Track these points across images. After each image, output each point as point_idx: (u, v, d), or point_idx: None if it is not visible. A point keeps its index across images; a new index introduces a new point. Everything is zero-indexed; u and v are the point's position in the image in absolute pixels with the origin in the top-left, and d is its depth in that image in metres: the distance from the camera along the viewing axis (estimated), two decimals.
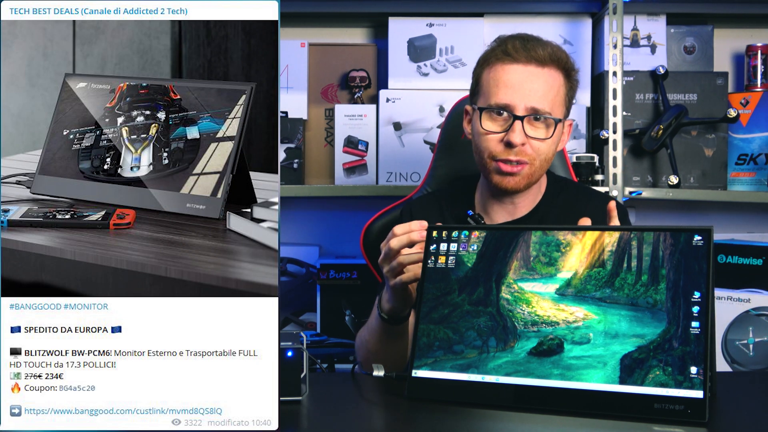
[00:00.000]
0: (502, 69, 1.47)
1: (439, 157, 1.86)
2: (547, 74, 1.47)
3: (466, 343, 1.19)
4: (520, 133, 1.44)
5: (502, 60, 1.47)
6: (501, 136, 1.46)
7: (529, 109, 1.45)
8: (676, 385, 1.05)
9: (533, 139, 1.46)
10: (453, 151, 1.83)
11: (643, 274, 1.13)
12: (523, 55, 1.46)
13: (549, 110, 1.46)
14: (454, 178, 1.79)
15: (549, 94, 1.46)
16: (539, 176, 1.52)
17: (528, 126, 1.45)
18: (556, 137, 1.49)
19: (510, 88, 1.45)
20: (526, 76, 1.46)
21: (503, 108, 1.46)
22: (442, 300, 1.23)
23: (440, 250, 1.27)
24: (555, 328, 1.15)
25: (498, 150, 1.47)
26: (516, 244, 1.23)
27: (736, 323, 2.02)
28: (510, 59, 1.47)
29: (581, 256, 1.19)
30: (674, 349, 1.07)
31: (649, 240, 1.14)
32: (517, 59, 1.46)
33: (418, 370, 1.19)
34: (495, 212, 1.57)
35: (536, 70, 1.47)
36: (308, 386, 1.16)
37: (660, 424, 1.03)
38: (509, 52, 1.47)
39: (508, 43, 1.48)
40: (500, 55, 1.48)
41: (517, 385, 1.13)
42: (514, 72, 1.47)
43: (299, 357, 1.15)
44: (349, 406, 1.19)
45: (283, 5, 2.56)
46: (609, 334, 1.12)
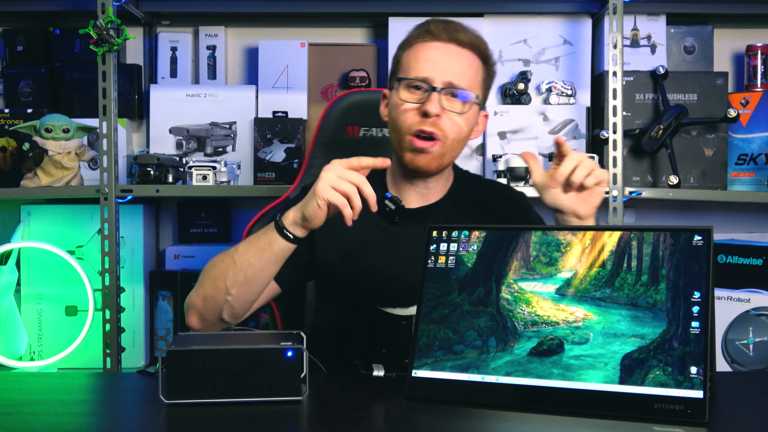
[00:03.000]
0: (423, 46, 1.51)
1: (315, 156, 1.83)
2: (466, 55, 1.51)
3: (466, 343, 1.19)
4: (437, 103, 1.46)
5: (423, 38, 1.51)
6: (418, 106, 1.48)
7: (446, 83, 1.47)
8: (676, 385, 1.05)
9: (449, 112, 1.48)
10: (332, 150, 1.82)
11: (643, 274, 1.13)
12: (444, 35, 1.50)
13: (467, 87, 1.49)
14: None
15: (467, 73, 1.49)
16: (450, 159, 1.54)
17: (445, 100, 1.48)
18: (470, 117, 1.51)
19: (430, 62, 1.48)
20: (445, 52, 1.50)
21: (422, 80, 1.48)
22: (442, 300, 1.23)
23: (440, 250, 1.27)
24: (555, 328, 1.15)
25: (414, 121, 1.48)
26: (516, 244, 1.23)
27: (736, 323, 2.02)
28: (431, 37, 1.51)
29: (581, 256, 1.19)
30: (674, 349, 1.07)
31: (649, 240, 1.14)
32: (439, 38, 1.50)
33: (418, 370, 1.19)
34: (408, 195, 1.58)
35: (456, 49, 1.50)
36: (308, 386, 1.16)
37: (660, 424, 1.03)
38: (431, 31, 1.51)
39: (431, 24, 1.52)
40: (422, 34, 1.52)
41: (517, 385, 1.13)
42: (435, 49, 1.50)
43: (299, 357, 1.15)
44: (349, 406, 1.19)
45: (283, 5, 2.58)
46: (609, 334, 1.12)
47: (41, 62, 2.57)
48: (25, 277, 2.44)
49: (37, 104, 2.51)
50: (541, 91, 2.49)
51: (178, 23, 2.65)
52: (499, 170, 2.31)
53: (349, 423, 1.10)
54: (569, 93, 2.46)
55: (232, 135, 2.51)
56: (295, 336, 1.22)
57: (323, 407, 1.16)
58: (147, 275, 2.50)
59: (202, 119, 2.50)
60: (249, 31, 2.67)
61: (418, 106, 1.47)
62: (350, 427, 1.08)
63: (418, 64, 1.49)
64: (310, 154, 1.84)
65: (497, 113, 2.44)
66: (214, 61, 2.61)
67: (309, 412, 1.12)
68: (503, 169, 2.30)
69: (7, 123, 2.41)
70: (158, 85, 2.57)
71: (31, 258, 2.43)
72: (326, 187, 1.31)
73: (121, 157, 2.48)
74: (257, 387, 1.14)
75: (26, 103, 2.53)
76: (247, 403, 1.13)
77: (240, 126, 2.51)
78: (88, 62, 2.46)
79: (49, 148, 2.26)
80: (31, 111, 2.43)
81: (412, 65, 1.50)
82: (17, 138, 2.41)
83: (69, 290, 2.42)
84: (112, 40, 2.20)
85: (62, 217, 2.45)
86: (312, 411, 1.13)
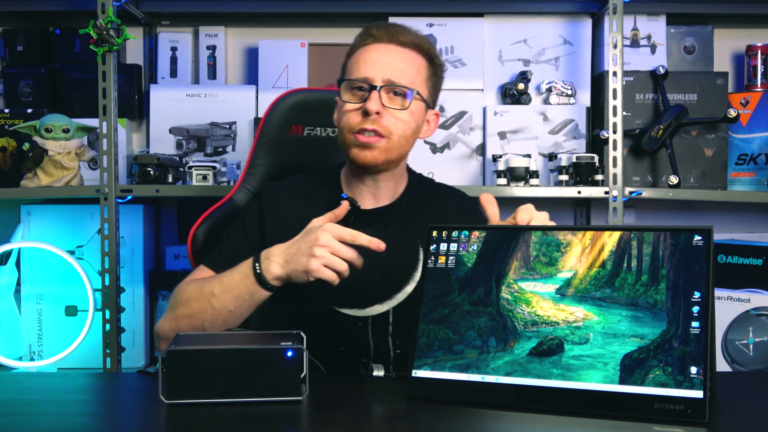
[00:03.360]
0: (364, 49, 1.52)
1: (258, 155, 1.80)
2: (407, 54, 1.52)
3: (466, 343, 1.19)
4: (376, 101, 1.47)
5: (365, 42, 1.52)
6: (359, 106, 1.49)
7: (386, 80, 1.48)
8: (676, 385, 1.05)
9: (390, 109, 1.48)
10: (275, 149, 1.80)
11: (643, 274, 1.13)
12: (385, 37, 1.51)
13: (407, 84, 1.49)
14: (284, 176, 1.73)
15: (408, 71, 1.50)
16: (398, 155, 1.52)
17: (385, 97, 1.48)
18: (414, 113, 1.51)
19: (369, 62, 1.50)
20: (385, 52, 1.51)
21: (362, 80, 1.49)
22: (442, 300, 1.23)
23: (440, 250, 1.27)
24: (555, 328, 1.15)
25: (356, 121, 1.49)
26: (516, 244, 1.23)
27: (736, 323, 2.02)
28: (372, 40, 1.52)
29: (581, 256, 1.19)
30: (674, 349, 1.07)
31: (649, 240, 1.14)
32: (380, 40, 1.52)
33: (418, 370, 1.19)
34: (361, 195, 1.57)
35: (396, 49, 1.51)
36: (308, 386, 1.16)
37: (660, 424, 1.03)
38: (372, 35, 1.52)
39: (372, 29, 1.53)
40: (365, 38, 1.53)
41: (517, 385, 1.13)
42: (375, 50, 1.51)
43: (299, 357, 1.15)
44: (349, 406, 1.19)
45: (283, 5, 2.58)
46: (609, 334, 1.12)
47: (41, 62, 2.57)
48: (25, 277, 2.44)
49: (37, 104, 2.52)
50: (541, 91, 2.50)
51: (178, 23, 2.65)
52: (499, 170, 2.31)
53: (349, 423, 1.10)
54: (569, 93, 2.46)
55: (232, 135, 2.51)
56: (295, 336, 1.22)
57: (323, 407, 1.15)
58: (147, 275, 2.50)
59: (202, 119, 2.50)
60: (249, 31, 2.68)
61: (360, 106, 1.48)
62: (350, 427, 1.08)
63: (359, 65, 1.50)
64: (253, 154, 1.80)
65: (497, 113, 2.44)
66: (214, 61, 2.61)
67: (309, 412, 1.12)
68: (503, 169, 2.30)
69: (7, 123, 2.41)
70: (158, 85, 2.57)
71: (31, 258, 2.43)
72: (319, 266, 1.30)
73: (121, 157, 2.48)
74: (257, 387, 1.14)
75: (26, 103, 2.53)
76: (247, 403, 1.13)
77: (240, 126, 2.51)
78: (88, 62, 2.46)
79: (49, 148, 2.26)
80: (31, 111, 2.43)
81: (353, 68, 1.52)
82: (17, 138, 2.41)
83: (69, 290, 2.42)
84: (112, 40, 2.20)
85: (62, 217, 2.45)
86: (312, 411, 1.12)
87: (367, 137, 1.48)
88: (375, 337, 1.52)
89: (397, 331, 1.52)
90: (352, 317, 1.52)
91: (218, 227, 1.70)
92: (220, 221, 1.71)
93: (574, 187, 2.28)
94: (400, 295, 1.52)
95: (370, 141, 1.48)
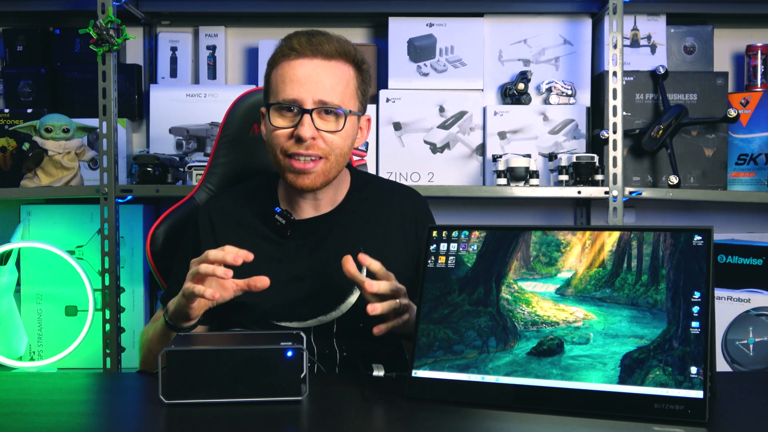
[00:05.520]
0: (289, 65, 1.43)
1: (219, 155, 1.77)
2: (335, 67, 1.44)
3: (466, 343, 1.19)
4: (310, 126, 1.41)
5: (288, 56, 1.44)
6: (291, 131, 1.42)
7: (317, 102, 1.41)
8: (676, 385, 1.05)
9: (324, 132, 1.43)
10: (237, 148, 1.77)
11: (643, 274, 1.13)
12: (308, 49, 1.43)
13: (339, 103, 1.43)
14: (245, 175, 1.73)
15: (338, 87, 1.43)
16: (336, 172, 1.48)
17: (318, 119, 1.42)
18: (349, 130, 1.46)
19: (297, 82, 1.42)
20: (312, 69, 1.43)
21: (291, 103, 1.42)
22: (442, 300, 1.23)
23: (440, 250, 1.27)
24: (555, 328, 1.15)
25: (289, 145, 1.43)
26: (516, 244, 1.23)
27: (736, 323, 2.02)
28: (296, 54, 1.43)
29: (581, 256, 1.19)
30: (674, 349, 1.07)
31: (649, 240, 1.14)
32: (303, 54, 1.43)
33: (418, 370, 1.19)
34: (300, 208, 1.53)
35: (323, 63, 1.43)
36: (308, 386, 1.16)
37: (660, 424, 1.03)
38: (295, 48, 1.43)
39: (293, 39, 1.44)
40: (286, 51, 1.44)
41: (517, 385, 1.13)
42: (301, 66, 1.43)
43: (299, 357, 1.15)
44: (349, 406, 1.19)
45: (283, 5, 2.58)
46: (609, 334, 1.12)
47: (41, 62, 2.57)
48: (25, 277, 2.44)
49: (37, 104, 2.51)
50: (541, 91, 2.49)
51: (178, 23, 2.65)
52: (499, 170, 2.31)
53: (349, 423, 1.10)
54: (569, 93, 2.46)
55: None
56: (295, 336, 1.22)
57: (323, 407, 1.15)
58: (147, 275, 2.50)
59: (202, 119, 2.50)
60: (249, 31, 2.67)
61: (291, 131, 1.42)
62: (350, 427, 1.08)
63: (285, 86, 1.43)
64: (215, 153, 1.78)
65: (497, 113, 2.44)
66: (214, 61, 2.61)
67: (309, 412, 1.12)
68: (503, 169, 2.30)
69: (7, 123, 2.41)
70: (158, 85, 2.57)
71: (31, 258, 2.43)
72: (191, 291, 1.27)
73: (121, 157, 2.48)
74: (257, 387, 1.14)
75: (26, 103, 2.53)
76: (247, 403, 1.13)
77: None
78: (88, 62, 2.46)
79: (49, 148, 2.26)
80: (31, 111, 2.43)
81: (279, 87, 1.44)
82: (17, 138, 2.41)
83: (69, 290, 2.41)
84: (112, 40, 2.20)
85: (62, 217, 2.45)
86: (312, 411, 1.12)
87: (304, 163, 1.43)
88: (318, 342, 1.48)
89: (342, 336, 1.48)
90: (292, 328, 1.46)
91: (178, 227, 1.68)
92: (180, 221, 1.69)
93: (574, 187, 2.28)
94: (344, 306, 1.47)
95: (307, 167, 1.43)
